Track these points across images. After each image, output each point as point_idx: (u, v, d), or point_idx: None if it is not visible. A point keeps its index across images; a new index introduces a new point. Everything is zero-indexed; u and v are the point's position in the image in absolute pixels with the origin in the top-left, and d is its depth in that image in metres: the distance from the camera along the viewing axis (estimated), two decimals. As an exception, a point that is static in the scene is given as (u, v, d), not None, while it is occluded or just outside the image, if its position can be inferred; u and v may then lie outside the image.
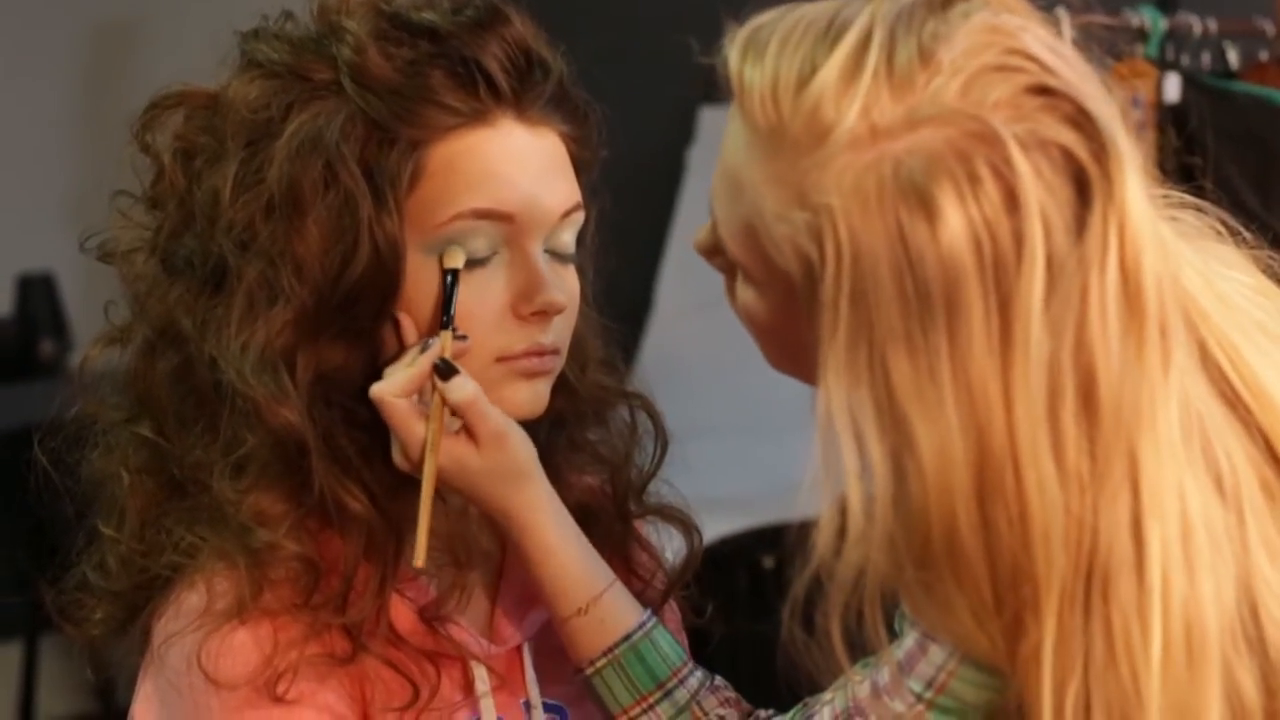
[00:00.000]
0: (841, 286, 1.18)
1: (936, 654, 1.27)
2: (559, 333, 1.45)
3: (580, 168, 1.48)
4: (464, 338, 1.42)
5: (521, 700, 1.50)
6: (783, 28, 1.22)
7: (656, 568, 1.59)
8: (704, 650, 1.55)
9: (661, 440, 1.59)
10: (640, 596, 1.53)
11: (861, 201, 1.17)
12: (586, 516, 1.52)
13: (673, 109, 4.04)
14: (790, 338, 1.26)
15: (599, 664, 1.45)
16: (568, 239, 1.46)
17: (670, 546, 1.61)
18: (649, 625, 1.46)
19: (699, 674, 1.47)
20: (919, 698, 1.28)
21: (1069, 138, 1.18)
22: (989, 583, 1.20)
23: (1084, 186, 1.18)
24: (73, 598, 1.49)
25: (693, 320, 3.77)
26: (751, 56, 1.22)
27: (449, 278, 1.41)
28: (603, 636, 1.45)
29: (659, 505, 1.60)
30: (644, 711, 1.45)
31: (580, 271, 1.49)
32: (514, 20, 1.43)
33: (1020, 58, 1.19)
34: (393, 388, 1.41)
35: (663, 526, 1.61)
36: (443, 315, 1.41)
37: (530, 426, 1.46)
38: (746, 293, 1.28)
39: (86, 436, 1.49)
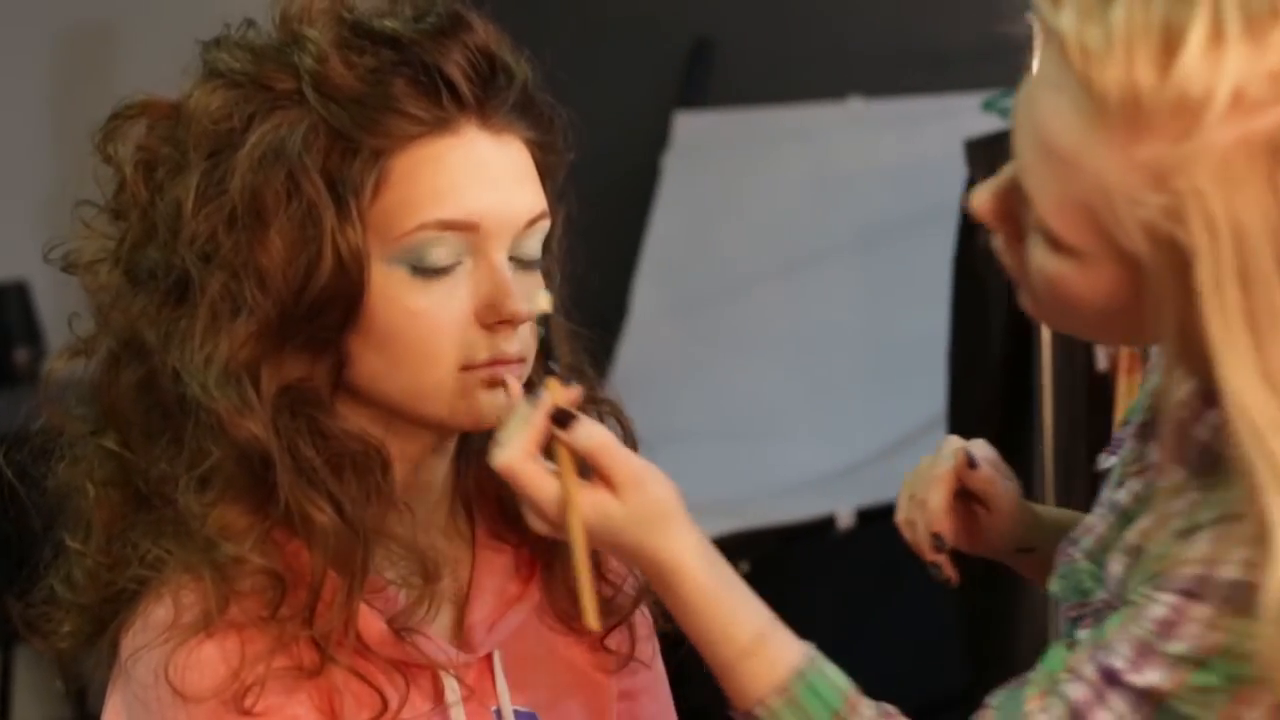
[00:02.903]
0: (1224, 272, 1.14)
1: (1201, 611, 1.21)
2: (524, 341, 1.44)
3: (546, 173, 1.47)
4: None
5: (493, 708, 1.49)
6: None
7: (627, 573, 1.57)
8: (676, 654, 1.53)
9: (630, 445, 1.58)
10: (610, 603, 1.53)
11: (1236, 180, 1.13)
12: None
13: (647, 114, 4.04)
14: (1107, 310, 1.22)
15: (772, 704, 1.34)
16: (533, 246, 1.45)
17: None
18: (814, 654, 1.36)
19: (868, 701, 1.36)
20: (1181, 659, 1.21)
21: None
22: None
23: None
24: (41, 611, 1.48)
25: (668, 326, 3.78)
26: (1095, 17, 1.14)
27: (542, 321, 1.38)
28: (771, 674, 1.34)
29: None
30: None
31: (547, 276, 1.48)
32: (476, 27, 1.43)
33: None
34: (516, 452, 1.34)
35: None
36: (545, 361, 1.39)
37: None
38: (1060, 264, 1.22)
39: (53, 448, 1.49)
